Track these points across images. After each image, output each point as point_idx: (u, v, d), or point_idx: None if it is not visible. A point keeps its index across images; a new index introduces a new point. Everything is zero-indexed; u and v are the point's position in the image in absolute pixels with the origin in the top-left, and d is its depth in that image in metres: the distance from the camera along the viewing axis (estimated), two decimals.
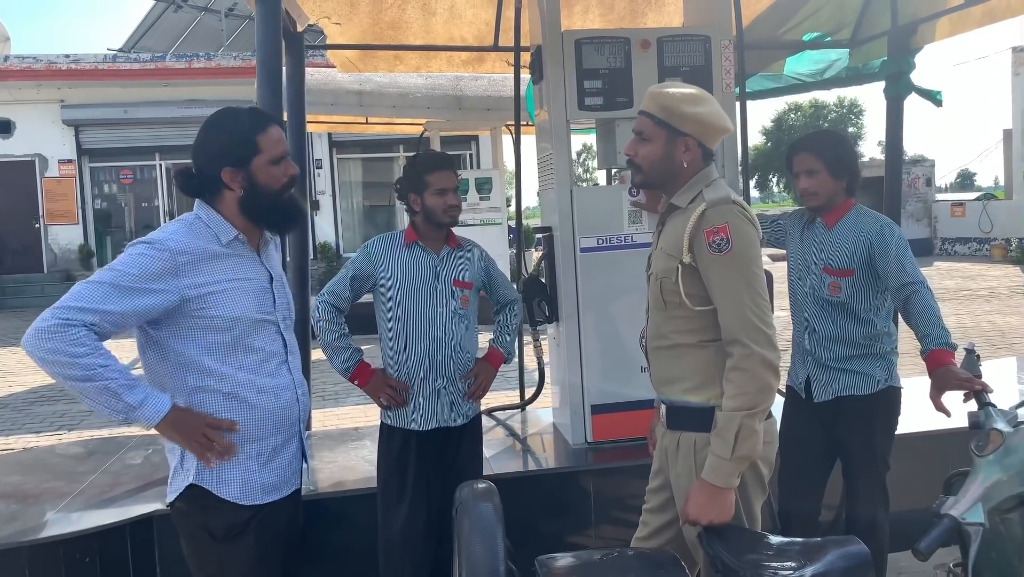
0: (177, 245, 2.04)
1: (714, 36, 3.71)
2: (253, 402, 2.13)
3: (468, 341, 2.97)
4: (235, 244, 2.15)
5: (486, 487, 1.81)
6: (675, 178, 2.22)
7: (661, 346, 2.24)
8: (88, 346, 1.89)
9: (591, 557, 1.91)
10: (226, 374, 2.09)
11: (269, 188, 2.15)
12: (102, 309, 1.93)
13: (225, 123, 2.15)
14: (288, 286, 2.36)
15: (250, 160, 2.11)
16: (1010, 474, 1.87)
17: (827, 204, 2.89)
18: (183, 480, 2.12)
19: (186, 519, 2.15)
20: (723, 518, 2.01)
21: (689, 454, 2.15)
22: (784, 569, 1.79)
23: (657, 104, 2.18)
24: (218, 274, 2.09)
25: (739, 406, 2.01)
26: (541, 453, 3.85)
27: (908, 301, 2.70)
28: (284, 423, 2.20)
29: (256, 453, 2.14)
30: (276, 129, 2.19)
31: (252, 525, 2.12)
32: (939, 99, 4.60)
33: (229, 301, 2.09)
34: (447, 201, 2.87)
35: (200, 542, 2.14)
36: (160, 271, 2.00)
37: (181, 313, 2.04)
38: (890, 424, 2.92)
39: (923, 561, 1.77)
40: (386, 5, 4.44)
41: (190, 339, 2.07)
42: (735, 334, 2.05)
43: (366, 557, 3.15)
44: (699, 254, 2.09)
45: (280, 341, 2.21)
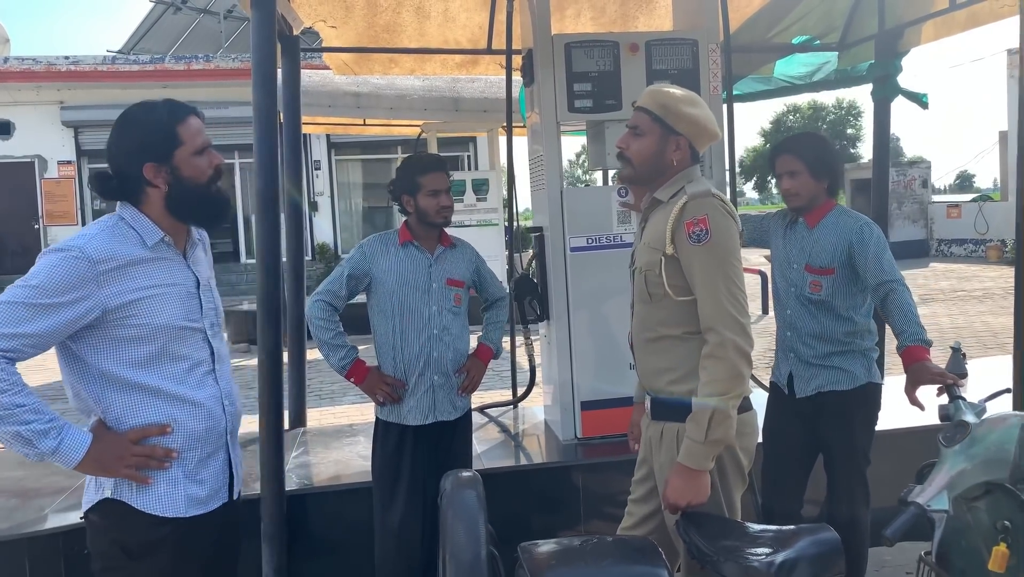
0: (97, 252, 1.90)
1: (701, 40, 3.79)
2: (178, 413, 2.00)
3: (461, 338, 3.05)
4: (161, 247, 2.02)
5: (470, 476, 1.88)
6: (662, 175, 2.30)
7: (646, 338, 2.32)
8: (5, 381, 1.79)
9: (571, 543, 1.98)
10: (150, 385, 1.97)
11: (195, 181, 2.02)
12: (19, 333, 1.80)
13: (141, 117, 2.02)
14: (216, 290, 2.22)
15: (172, 153, 1.99)
16: (974, 463, 1.94)
17: (809, 204, 2.96)
18: (98, 492, 1.98)
19: (100, 534, 2.00)
20: (699, 499, 2.09)
21: (672, 444, 2.22)
22: (756, 555, 1.86)
23: (656, 102, 2.26)
24: (142, 280, 1.96)
25: (712, 392, 2.09)
26: (532, 449, 3.92)
27: (886, 299, 2.78)
28: (210, 434, 2.06)
29: (181, 464, 2.00)
30: (195, 119, 2.06)
31: (169, 541, 1.98)
32: (925, 101, 4.66)
33: (154, 309, 1.96)
34: (440, 202, 2.94)
35: (112, 559, 1.99)
36: (79, 282, 1.86)
37: (102, 323, 1.91)
38: (870, 419, 2.99)
39: (889, 546, 1.84)
40: (381, 9, 4.51)
41: (111, 350, 1.94)
42: (711, 322, 2.13)
43: (360, 550, 3.22)
44: (680, 245, 2.17)
45: (207, 349, 2.08)
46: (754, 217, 3.39)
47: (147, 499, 1.97)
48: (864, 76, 4.99)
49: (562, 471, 3.54)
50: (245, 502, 3.20)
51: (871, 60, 4.87)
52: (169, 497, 1.98)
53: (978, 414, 2.14)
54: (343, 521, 3.35)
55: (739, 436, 2.20)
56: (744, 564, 1.83)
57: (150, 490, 1.96)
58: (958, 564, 2.15)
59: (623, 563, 1.87)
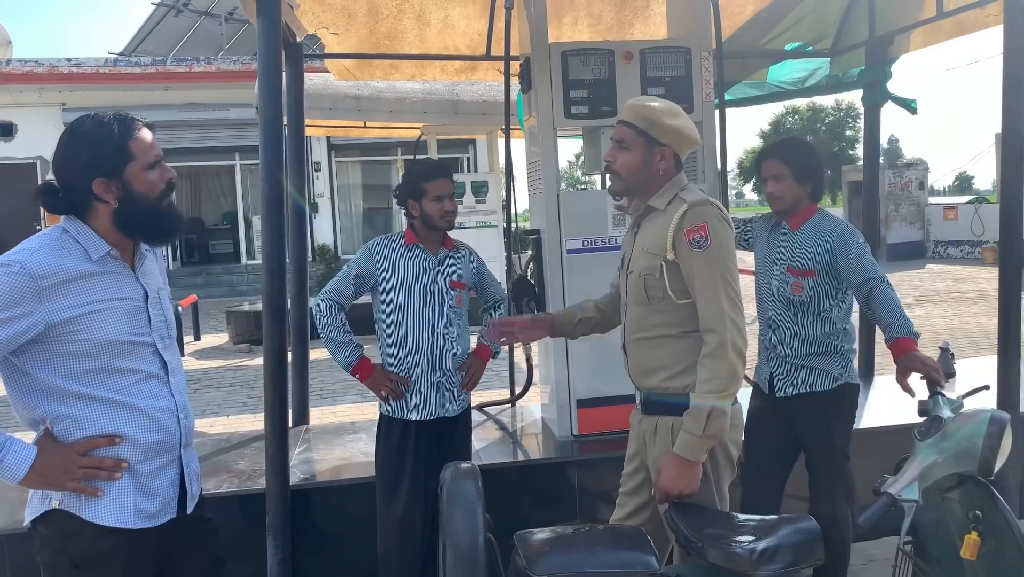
0: (40, 268, 1.82)
1: (695, 48, 3.89)
2: (128, 424, 1.94)
3: (462, 337, 3.16)
4: (107, 260, 1.94)
5: (468, 467, 1.98)
6: (650, 184, 2.42)
7: (642, 338, 2.42)
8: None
9: (565, 531, 2.08)
10: (98, 397, 1.91)
11: (147, 196, 1.95)
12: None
13: (91, 131, 1.93)
14: (168, 301, 2.14)
15: (123, 168, 1.92)
16: (945, 456, 2.05)
17: (792, 208, 3.05)
18: (44, 503, 1.92)
19: (46, 545, 1.94)
20: (692, 489, 2.21)
21: (667, 437, 2.34)
22: (740, 542, 1.96)
23: (638, 115, 2.38)
24: (87, 296, 1.89)
25: (711, 389, 2.21)
26: (530, 445, 4.02)
27: (870, 296, 2.86)
28: (162, 447, 2.00)
29: (132, 475, 1.94)
30: (146, 131, 1.99)
31: (118, 553, 1.92)
32: (914, 107, 4.77)
33: (99, 324, 1.89)
34: (444, 207, 3.05)
35: (59, 569, 1.93)
36: (21, 298, 1.80)
37: (45, 339, 1.85)
38: (848, 418, 3.07)
39: (863, 532, 1.94)
40: (382, 16, 4.61)
41: (56, 365, 1.88)
42: (711, 324, 2.24)
43: (363, 543, 3.32)
44: (681, 251, 2.28)
45: (158, 361, 2.01)
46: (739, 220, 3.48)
47: (95, 510, 1.90)
48: (855, 82, 5.11)
49: (559, 467, 3.65)
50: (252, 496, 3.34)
51: (862, 66, 4.98)
52: (118, 507, 1.92)
53: (955, 410, 2.24)
54: (346, 515, 3.46)
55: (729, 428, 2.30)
56: (728, 550, 1.93)
57: (99, 500, 1.90)
58: (934, 553, 2.26)
59: (613, 550, 1.97)
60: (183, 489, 2.06)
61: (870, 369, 5.11)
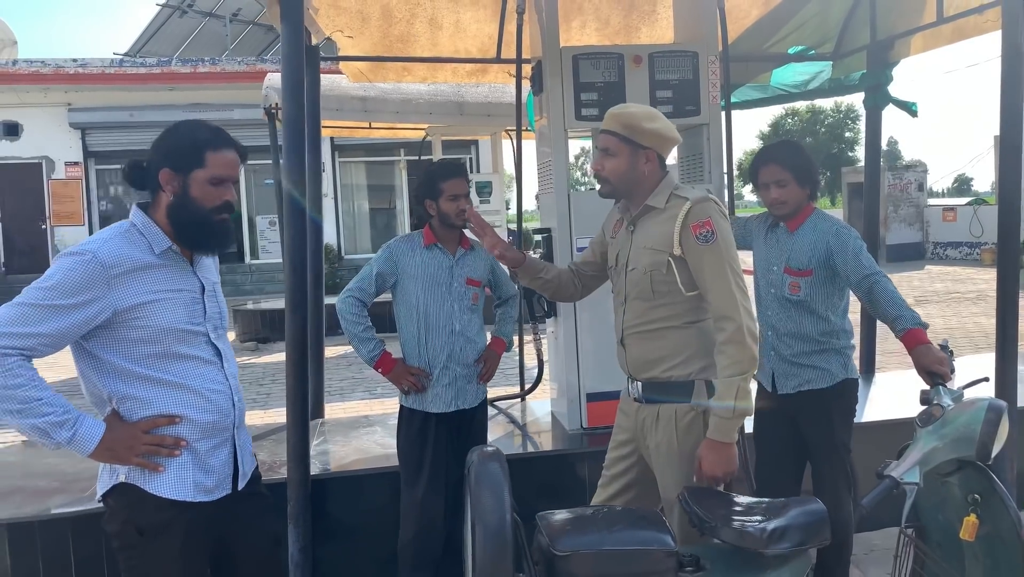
0: (109, 257, 2.00)
1: (701, 52, 4.00)
2: (187, 406, 2.10)
3: (479, 333, 3.28)
4: (168, 254, 2.11)
5: (493, 450, 2.08)
6: (638, 186, 2.55)
7: (644, 331, 2.54)
8: (22, 376, 1.90)
9: (584, 512, 2.20)
10: (159, 380, 2.08)
11: (199, 204, 2.11)
12: (36, 332, 1.92)
13: (183, 129, 2.15)
14: (222, 295, 2.32)
15: (190, 170, 2.09)
16: (945, 442, 2.16)
17: (794, 211, 3.10)
18: (113, 477, 2.10)
19: (115, 515, 2.11)
20: (732, 468, 2.35)
21: (670, 423, 2.46)
22: (751, 523, 2.07)
23: (620, 123, 2.51)
24: (150, 285, 2.06)
25: (735, 372, 2.34)
26: (540, 438, 4.13)
27: (871, 291, 2.93)
28: (218, 427, 2.16)
29: (191, 453, 2.11)
30: (233, 155, 2.16)
31: (178, 522, 2.09)
32: (915, 110, 4.87)
33: (159, 312, 2.06)
34: (459, 206, 3.16)
35: (126, 537, 2.10)
36: (91, 284, 1.96)
37: (112, 324, 2.02)
38: (849, 413, 3.15)
39: (865, 512, 2.05)
40: (396, 20, 4.72)
41: (121, 349, 2.05)
42: (726, 311, 2.36)
43: (381, 531, 3.44)
44: (688, 246, 2.41)
45: (212, 349, 2.18)
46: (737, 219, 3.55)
47: (157, 483, 2.08)
48: (857, 85, 5.21)
49: (570, 458, 3.76)
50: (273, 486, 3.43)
51: (864, 70, 5.09)
52: (178, 482, 2.09)
53: (955, 399, 2.35)
54: (364, 504, 3.57)
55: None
56: (740, 530, 2.04)
57: (161, 475, 2.07)
58: (935, 537, 2.38)
59: (631, 529, 2.08)
60: (236, 467, 2.22)
61: (871, 366, 5.22)
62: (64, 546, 3.17)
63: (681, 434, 2.46)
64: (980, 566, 2.22)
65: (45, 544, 3.15)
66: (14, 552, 3.13)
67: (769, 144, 3.30)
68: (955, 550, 2.29)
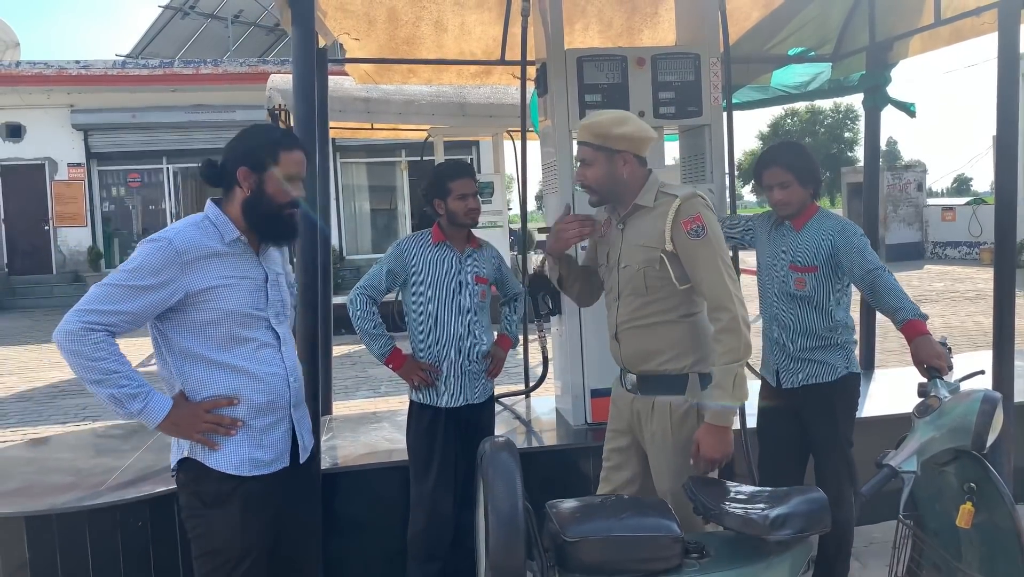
0: (183, 244, 2.20)
1: (703, 53, 4.07)
2: (245, 385, 2.28)
3: (486, 329, 3.35)
4: (236, 244, 2.30)
5: (505, 440, 2.15)
6: (623, 188, 2.63)
7: (638, 326, 2.63)
8: (106, 351, 2.11)
9: (593, 500, 2.27)
10: (221, 361, 2.26)
11: (273, 199, 2.30)
12: (119, 310, 2.13)
13: (259, 131, 2.37)
14: (287, 286, 2.49)
15: (266, 168, 2.28)
16: (942, 432, 2.23)
17: (798, 211, 3.17)
18: (179, 452, 2.32)
19: (182, 487, 2.34)
20: (729, 451, 2.45)
21: (665, 415, 2.55)
22: (754, 510, 2.14)
23: (591, 133, 2.60)
24: (219, 271, 2.25)
25: (731, 360, 2.43)
26: (545, 433, 4.19)
27: (874, 285, 2.99)
28: (273, 406, 2.34)
29: (246, 431, 2.29)
30: (301, 155, 2.36)
31: (237, 494, 2.27)
32: (913, 111, 4.95)
33: (226, 296, 2.25)
34: (468, 205, 3.23)
35: (192, 507, 2.31)
36: (167, 267, 2.17)
37: (184, 306, 2.22)
38: (851, 407, 3.22)
39: (863, 501, 2.12)
40: (402, 22, 4.79)
41: (189, 329, 2.24)
42: (720, 302, 2.45)
43: (389, 524, 3.52)
44: (680, 241, 2.49)
45: (272, 334, 2.36)
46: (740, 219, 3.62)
47: (216, 459, 2.27)
48: (856, 86, 5.28)
49: (574, 452, 3.83)
50: None
51: (863, 71, 5.16)
52: (234, 458, 2.28)
53: (951, 392, 2.42)
54: (373, 498, 3.64)
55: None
56: (744, 516, 2.11)
57: (220, 451, 2.27)
58: (932, 525, 2.45)
59: (639, 516, 2.15)
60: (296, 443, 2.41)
61: (871, 362, 5.30)
62: (81, 538, 3.24)
63: (675, 426, 2.55)
64: (976, 553, 2.30)
65: (62, 536, 3.22)
66: (32, 544, 3.20)
67: (771, 146, 3.35)
68: (952, 538, 2.36)
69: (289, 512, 2.40)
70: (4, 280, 17.00)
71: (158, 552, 3.35)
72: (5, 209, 17.45)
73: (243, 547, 2.29)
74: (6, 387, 8.91)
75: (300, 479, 2.45)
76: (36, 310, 16.28)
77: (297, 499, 2.44)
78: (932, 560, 2.42)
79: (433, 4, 4.70)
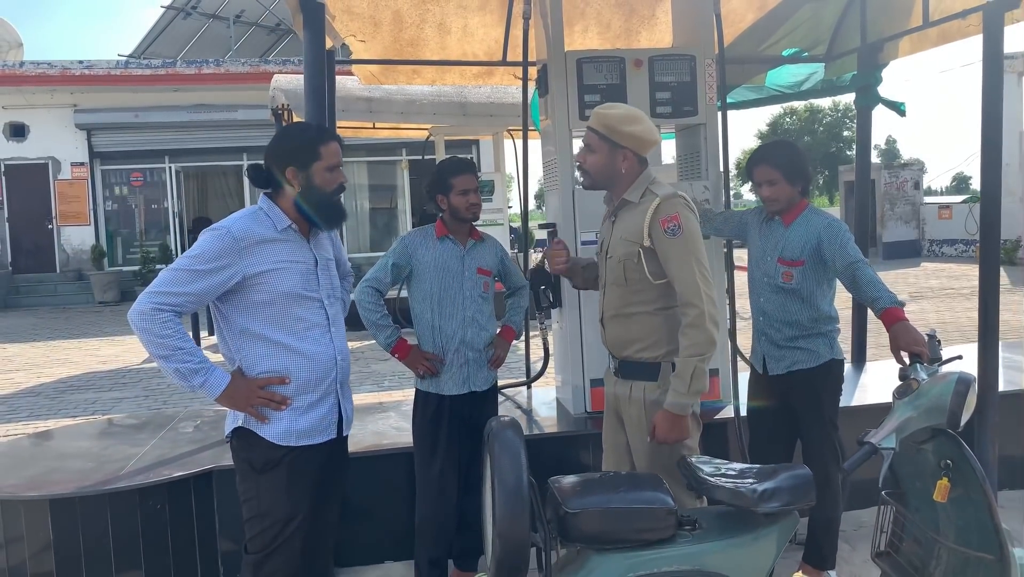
0: (240, 231, 2.45)
1: (699, 55, 4.21)
2: (295, 363, 2.52)
3: (489, 320, 3.48)
4: (288, 232, 2.55)
5: (510, 419, 2.28)
6: (616, 181, 2.79)
7: (619, 315, 2.80)
8: (172, 329, 2.37)
9: (592, 476, 2.40)
10: (275, 339, 2.50)
11: (322, 189, 2.55)
12: (184, 292, 2.39)
13: (296, 132, 2.63)
14: (334, 269, 2.73)
15: (311, 164, 2.54)
16: (919, 411, 2.37)
17: (786, 207, 3.31)
18: (233, 422, 2.57)
19: (235, 453, 2.60)
20: (683, 436, 2.62)
21: (640, 400, 2.73)
22: (743, 485, 2.28)
23: (601, 123, 2.75)
24: (272, 256, 2.49)
25: (692, 354, 2.58)
26: (546, 421, 4.33)
27: (854, 276, 3.13)
28: (321, 382, 2.58)
29: (295, 404, 2.53)
30: (336, 144, 2.60)
31: (284, 461, 2.52)
32: (903, 110, 5.09)
33: (280, 279, 2.49)
34: (469, 200, 3.37)
35: (245, 472, 2.57)
36: (226, 253, 2.42)
37: (242, 288, 2.46)
38: (835, 391, 3.37)
39: (847, 476, 2.26)
40: (406, 24, 4.93)
41: (246, 309, 2.49)
42: (689, 298, 2.60)
43: (398, 507, 3.67)
44: (657, 238, 2.64)
45: (323, 314, 2.59)
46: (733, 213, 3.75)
47: (267, 429, 2.52)
48: (848, 86, 5.42)
49: (574, 439, 3.98)
50: None
51: (855, 71, 5.31)
52: (286, 430, 2.53)
53: (930, 375, 2.56)
54: (382, 482, 3.79)
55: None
56: (734, 490, 2.25)
57: (270, 423, 2.52)
58: (913, 502, 2.59)
59: (635, 490, 2.29)
60: (341, 416, 2.67)
61: (863, 355, 5.44)
62: (102, 520, 3.38)
63: (648, 409, 2.72)
64: (952, 525, 2.44)
65: (85, 518, 3.36)
66: (56, 526, 3.34)
67: (763, 144, 3.50)
68: (930, 512, 2.50)
69: (326, 480, 2.63)
70: (8, 278, 17.13)
71: (175, 533, 3.50)
72: (9, 208, 17.58)
73: (289, 511, 2.52)
74: (14, 383, 9.06)
75: (338, 450, 2.71)
76: (40, 308, 16.43)
77: (333, 468, 2.68)
78: (912, 533, 2.56)
79: (437, 7, 4.84)
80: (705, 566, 2.21)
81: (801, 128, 47.24)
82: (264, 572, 2.54)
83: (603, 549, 2.20)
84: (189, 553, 3.53)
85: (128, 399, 7.98)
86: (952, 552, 2.41)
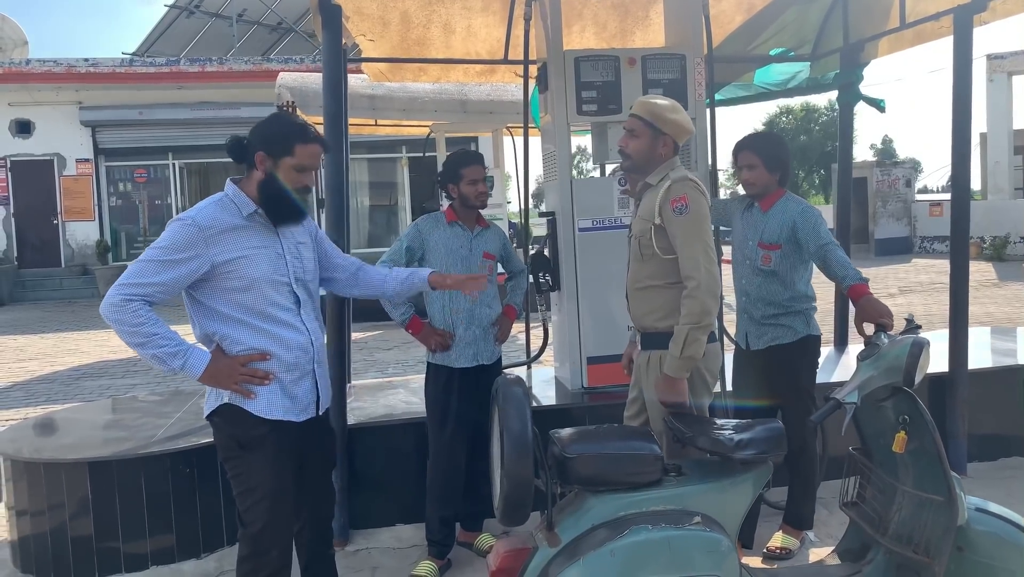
0: (205, 220, 2.47)
1: (689, 54, 4.50)
2: (273, 344, 2.55)
3: (494, 300, 3.78)
4: (254, 217, 2.55)
5: (516, 377, 2.57)
6: (654, 164, 3.06)
7: (638, 288, 3.06)
8: (144, 317, 2.38)
9: (588, 428, 2.70)
10: (249, 323, 2.53)
11: (284, 185, 2.55)
12: (153, 282, 2.41)
13: (280, 121, 2.58)
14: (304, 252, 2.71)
15: (282, 157, 2.54)
16: (879, 371, 2.66)
17: (763, 192, 3.61)
18: (218, 399, 2.57)
19: (219, 430, 2.61)
20: (679, 399, 2.86)
21: (656, 367, 2.98)
22: (722, 435, 2.58)
23: (646, 110, 3.03)
24: (240, 243, 2.50)
25: (687, 322, 2.84)
26: (545, 396, 4.61)
27: (825, 257, 3.43)
28: (299, 361, 2.61)
29: (278, 382, 2.57)
30: (316, 148, 2.59)
31: (270, 437, 2.55)
32: (883, 106, 5.38)
33: (249, 265, 2.50)
34: (477, 189, 3.66)
35: (230, 449, 2.58)
36: (192, 242, 2.43)
37: (212, 276, 2.48)
38: (812, 365, 3.65)
39: (813, 427, 2.55)
40: (413, 25, 5.21)
41: (219, 296, 2.51)
42: (689, 272, 2.87)
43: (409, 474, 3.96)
44: (666, 217, 2.91)
45: (293, 298, 2.62)
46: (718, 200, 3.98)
47: (254, 404, 2.56)
48: (831, 84, 5.72)
49: (572, 412, 4.27)
50: None
51: (838, 70, 5.60)
52: (270, 404, 2.57)
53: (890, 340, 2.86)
54: (394, 449, 4.09)
55: (705, 359, 2.94)
56: (713, 438, 2.55)
57: (257, 399, 2.55)
58: (877, 457, 2.89)
59: (627, 440, 2.59)
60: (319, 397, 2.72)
61: (844, 338, 5.73)
62: (137, 482, 3.66)
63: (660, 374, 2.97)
64: (910, 475, 2.74)
65: (121, 480, 3.64)
66: (94, 486, 3.62)
67: (752, 133, 3.79)
68: (891, 464, 2.80)
69: (310, 453, 2.75)
70: (14, 273, 17.37)
71: (203, 494, 3.78)
72: (15, 204, 17.81)
73: (276, 485, 2.57)
74: (28, 371, 9.32)
75: (320, 426, 2.78)
76: (46, 302, 16.69)
77: (316, 443, 2.78)
78: (877, 485, 2.86)
79: (442, 8, 5.12)
80: (688, 506, 2.50)
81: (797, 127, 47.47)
82: (260, 544, 2.58)
83: (598, 491, 2.49)
84: (215, 513, 3.81)
85: (141, 385, 8.24)
86: (910, 497, 2.71)
